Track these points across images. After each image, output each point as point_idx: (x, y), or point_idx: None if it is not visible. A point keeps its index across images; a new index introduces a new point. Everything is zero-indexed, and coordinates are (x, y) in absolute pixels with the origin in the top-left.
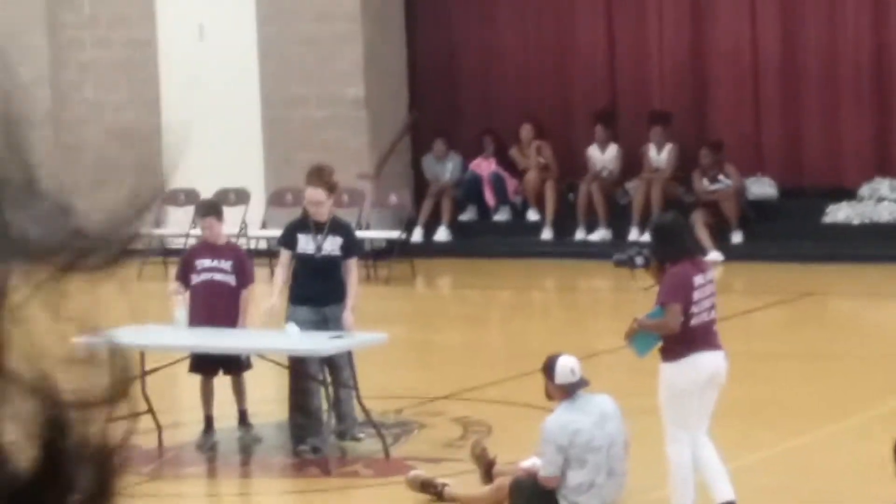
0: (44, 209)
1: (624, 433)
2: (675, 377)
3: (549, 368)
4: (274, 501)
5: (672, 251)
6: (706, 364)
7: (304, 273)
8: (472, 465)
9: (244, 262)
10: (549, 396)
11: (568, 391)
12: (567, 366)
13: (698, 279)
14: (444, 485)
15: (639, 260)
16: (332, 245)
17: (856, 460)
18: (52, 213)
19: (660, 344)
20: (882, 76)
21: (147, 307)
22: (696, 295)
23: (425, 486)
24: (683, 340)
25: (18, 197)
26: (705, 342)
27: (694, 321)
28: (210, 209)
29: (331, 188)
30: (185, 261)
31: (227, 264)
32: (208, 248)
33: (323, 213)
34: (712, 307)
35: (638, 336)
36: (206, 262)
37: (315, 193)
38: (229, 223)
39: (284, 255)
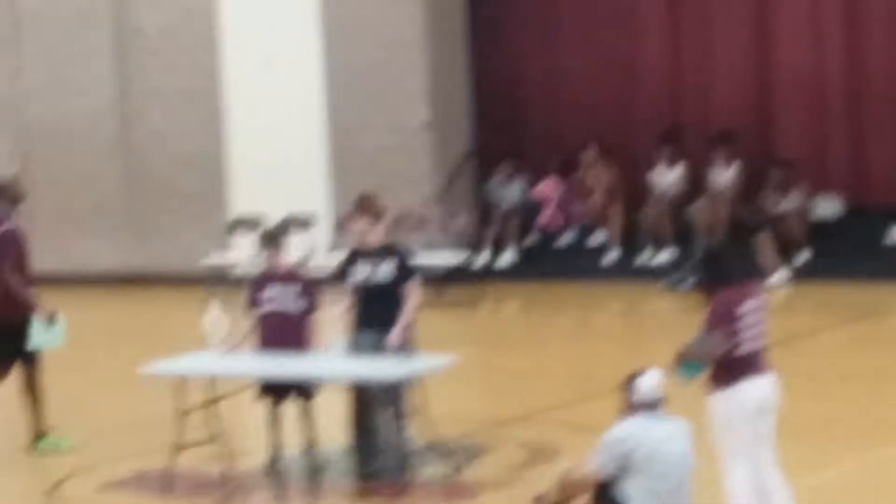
0: None
1: (692, 456)
2: (723, 406)
3: (629, 383)
4: None
5: (719, 277)
6: (755, 390)
7: (362, 299)
8: (539, 487)
9: (309, 289)
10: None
11: (647, 406)
12: (650, 383)
13: (746, 306)
14: None
15: (687, 283)
16: (385, 270)
17: None
18: None
19: (706, 371)
20: None
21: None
22: (743, 322)
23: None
24: (730, 368)
25: None
26: (753, 368)
27: (741, 348)
28: (268, 241)
29: (374, 215)
30: (252, 292)
31: (291, 292)
32: (271, 277)
33: (370, 241)
34: (761, 335)
35: (684, 363)
36: (271, 293)
37: (355, 225)
38: (296, 249)
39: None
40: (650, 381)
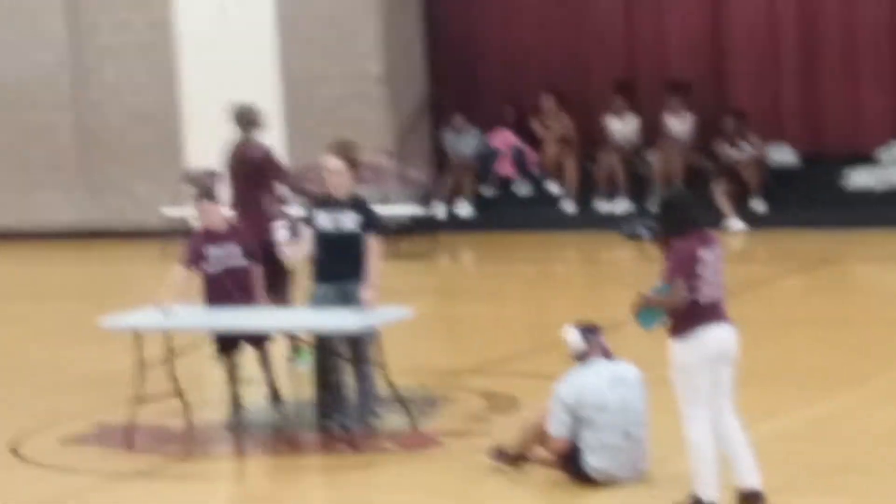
0: None
1: (642, 401)
2: (683, 354)
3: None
4: (303, 478)
5: (677, 225)
6: (714, 339)
7: (324, 250)
8: (499, 438)
9: (251, 245)
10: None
11: (577, 359)
12: (566, 337)
13: (705, 254)
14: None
15: (644, 232)
16: (350, 221)
17: (878, 425)
18: None
19: (666, 319)
20: None
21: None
22: (703, 270)
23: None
24: (690, 316)
25: None
26: (712, 316)
27: (701, 297)
28: (201, 194)
29: (351, 162)
30: (193, 249)
31: (235, 249)
32: (213, 235)
33: (340, 185)
34: (720, 283)
35: (644, 311)
36: (215, 251)
37: (332, 162)
38: None
39: (305, 232)
40: (568, 337)
